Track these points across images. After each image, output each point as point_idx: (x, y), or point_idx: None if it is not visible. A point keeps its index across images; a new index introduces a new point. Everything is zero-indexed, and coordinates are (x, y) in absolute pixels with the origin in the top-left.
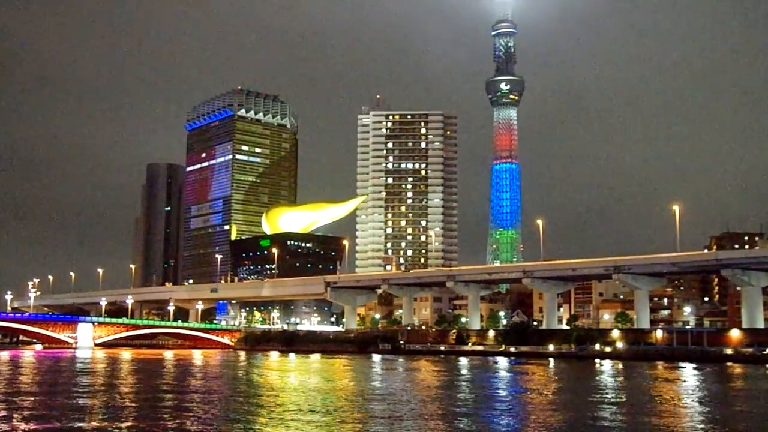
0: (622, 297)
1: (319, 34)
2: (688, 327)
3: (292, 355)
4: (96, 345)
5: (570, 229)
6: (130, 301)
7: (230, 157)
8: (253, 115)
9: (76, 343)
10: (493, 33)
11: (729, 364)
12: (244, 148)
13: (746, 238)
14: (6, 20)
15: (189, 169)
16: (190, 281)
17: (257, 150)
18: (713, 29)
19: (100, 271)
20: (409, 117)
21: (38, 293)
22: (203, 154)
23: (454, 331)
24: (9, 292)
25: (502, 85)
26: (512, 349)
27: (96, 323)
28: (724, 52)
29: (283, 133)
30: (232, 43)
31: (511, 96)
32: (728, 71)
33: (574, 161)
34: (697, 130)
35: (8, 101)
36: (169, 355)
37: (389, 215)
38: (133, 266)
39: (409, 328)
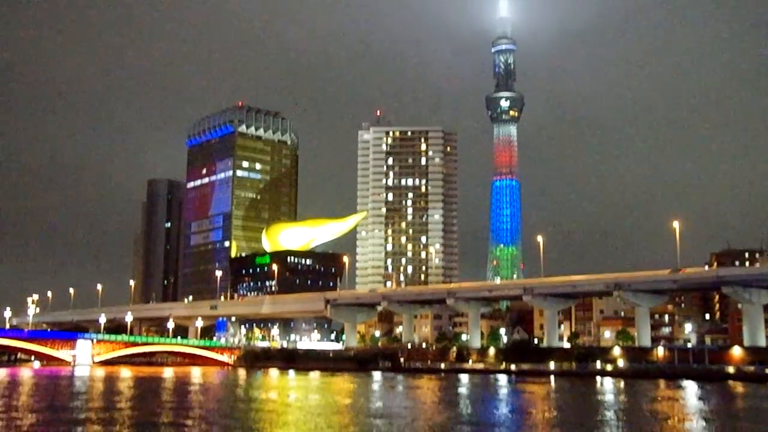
0: (623, 314)
1: (319, 50)
2: (689, 345)
3: (291, 373)
4: (95, 363)
5: (570, 246)
6: (129, 318)
7: (231, 173)
8: (253, 132)
9: (74, 360)
10: (493, 50)
11: (731, 382)
12: (245, 164)
13: (747, 255)
14: (8, 35)
15: (189, 185)
16: (190, 298)
17: (258, 166)
18: (714, 46)
19: (99, 287)
20: (409, 133)
21: (37, 310)
22: (204, 170)
23: (455, 348)
24: (8, 309)
25: (502, 102)
26: (513, 367)
27: (95, 340)
28: (724, 69)
29: (284, 149)
30: (232, 59)
31: (511, 112)
32: (729, 88)
33: (574, 178)
34: (697, 146)
35: (7, 116)
36: (168, 373)
37: (389, 232)
38: (132, 283)
39: (409, 345)
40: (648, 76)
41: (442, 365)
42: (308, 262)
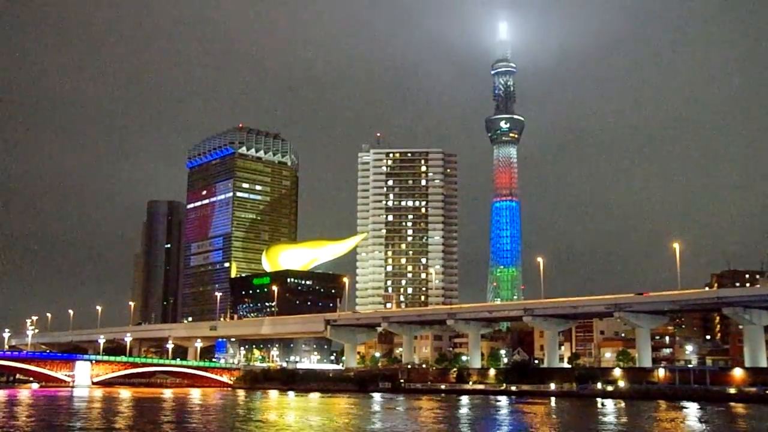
0: (623, 335)
1: (320, 72)
2: (690, 366)
3: (291, 394)
4: (94, 383)
5: (570, 267)
6: (128, 339)
7: (231, 194)
8: (253, 153)
9: (73, 381)
10: (492, 72)
11: (732, 403)
12: (245, 185)
13: (747, 276)
14: (7, 56)
15: (189, 206)
16: (190, 319)
17: (258, 187)
18: (715, 68)
19: (98, 308)
20: (409, 155)
21: (36, 331)
22: (204, 192)
23: (455, 369)
24: (7, 330)
25: (502, 124)
26: (513, 388)
27: (94, 361)
28: (725, 92)
29: (284, 170)
30: (233, 81)
31: (511, 134)
32: (730, 110)
33: (574, 199)
34: (698, 167)
35: (7, 137)
36: (167, 393)
37: (389, 253)
38: (132, 304)
39: (409, 366)
40: (649, 98)
41: (443, 386)
42: (308, 283)
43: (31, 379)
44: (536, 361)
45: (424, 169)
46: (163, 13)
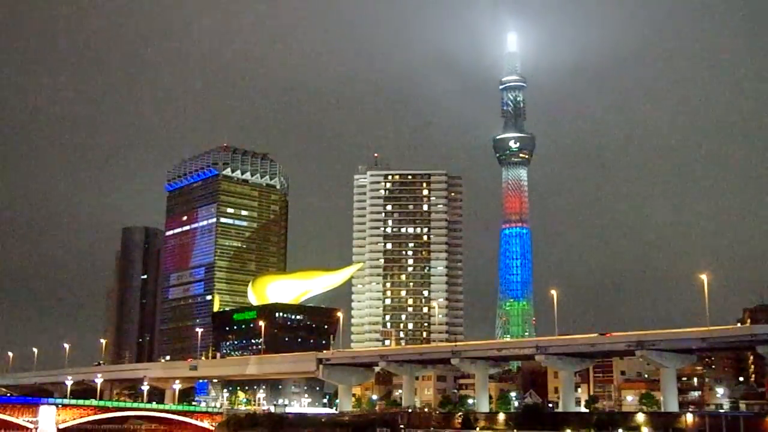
0: (646, 376)
1: (312, 88)
2: (721, 411)
3: None
4: (59, 430)
5: (587, 301)
6: (99, 381)
7: (214, 220)
8: (239, 175)
9: (36, 428)
10: (500, 87)
11: None
12: (230, 210)
13: None
14: None
15: (168, 233)
16: (167, 358)
17: (244, 213)
18: (743, 82)
19: (66, 346)
20: (409, 177)
21: None
22: (184, 217)
23: (460, 413)
24: None
25: (511, 143)
26: None
27: (60, 405)
28: (752, 103)
29: (272, 194)
30: (217, 97)
31: (521, 154)
32: (759, 123)
33: (590, 225)
34: (726, 191)
35: None
36: None
37: (388, 284)
38: (103, 341)
39: (410, 410)
40: (670, 114)
41: None
42: (298, 317)
43: None
44: (550, 405)
45: (426, 192)
46: (141, 27)
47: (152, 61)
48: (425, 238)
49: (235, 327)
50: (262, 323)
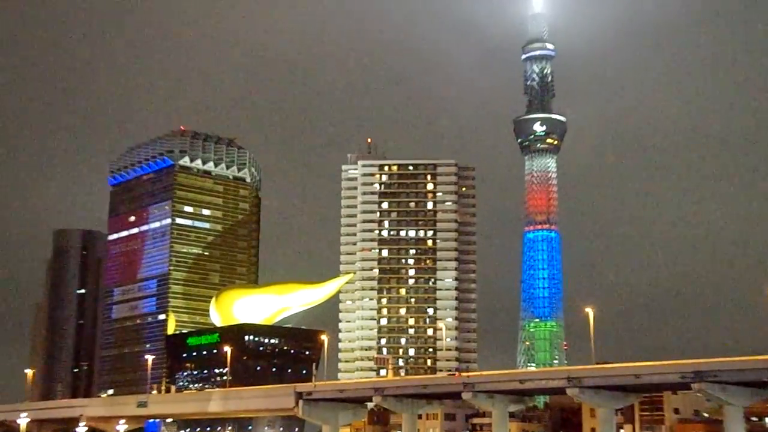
0: (706, 415)
1: (291, 60)
2: None
3: None
4: None
5: (631, 321)
6: (24, 421)
7: (168, 221)
8: (200, 165)
9: None
10: (523, 57)
11: None
12: (188, 209)
13: None
14: None
15: (111, 237)
16: (110, 392)
17: (205, 212)
18: None
19: None
20: (411, 168)
21: None
22: (131, 218)
23: None
24: None
25: (537, 126)
26: None
27: None
28: None
29: (241, 189)
30: (173, 70)
31: (549, 140)
32: None
33: (633, 229)
34: None
35: None
36: None
37: (384, 300)
38: (29, 372)
39: None
40: (737, 92)
41: None
42: (273, 341)
43: None
44: None
45: (431, 187)
46: None
47: (94, 34)
48: (430, 243)
49: (194, 354)
50: (227, 349)
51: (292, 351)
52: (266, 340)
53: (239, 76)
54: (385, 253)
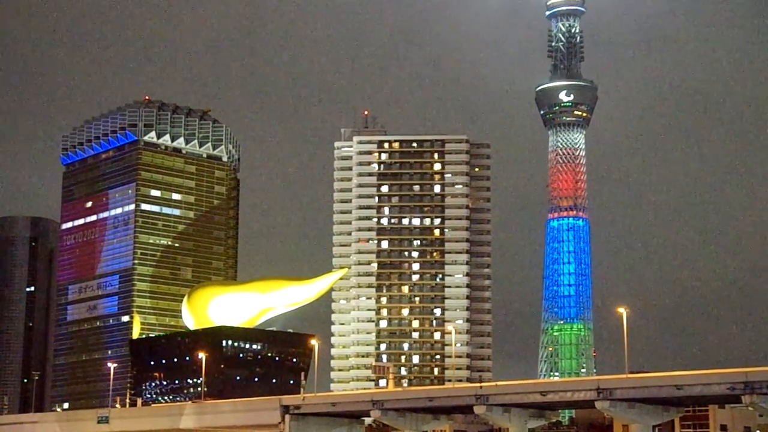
0: None
1: (272, 17)
2: None
3: None
4: None
5: (670, 324)
6: None
7: (132, 207)
8: (168, 142)
9: None
10: (547, 13)
11: None
12: (155, 192)
13: None
14: None
15: (65, 226)
16: (65, 406)
17: (175, 196)
18: None
19: None
20: (414, 144)
21: None
22: (88, 203)
23: None
24: None
25: (562, 95)
26: None
27: None
28: None
29: (217, 169)
30: (138, 34)
31: (576, 112)
32: None
33: (674, 217)
34: None
35: None
36: None
37: (384, 300)
38: None
39: None
40: None
41: None
42: (255, 347)
43: None
44: None
45: (438, 167)
46: None
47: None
48: (437, 232)
49: (163, 361)
50: (202, 355)
51: (277, 358)
52: (247, 346)
53: (213, 40)
54: (384, 244)
